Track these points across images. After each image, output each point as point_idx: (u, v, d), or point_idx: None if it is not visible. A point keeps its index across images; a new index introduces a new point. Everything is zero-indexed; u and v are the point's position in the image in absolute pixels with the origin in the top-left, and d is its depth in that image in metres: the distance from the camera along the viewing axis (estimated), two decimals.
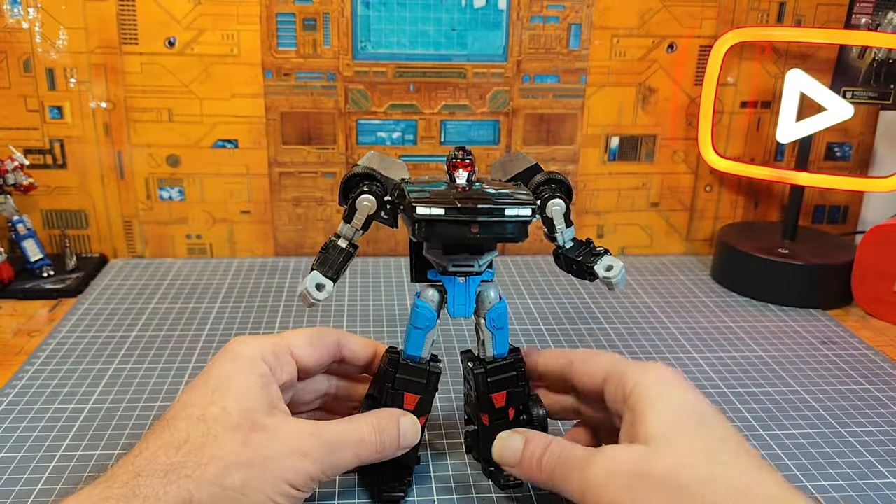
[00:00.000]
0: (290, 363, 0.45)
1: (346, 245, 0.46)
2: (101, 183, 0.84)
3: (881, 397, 0.60)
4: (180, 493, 0.36)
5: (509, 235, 0.42)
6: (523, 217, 0.42)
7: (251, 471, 0.38)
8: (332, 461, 0.41)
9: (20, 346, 0.66)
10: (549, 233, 0.47)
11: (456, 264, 0.44)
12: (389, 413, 0.44)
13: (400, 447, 0.44)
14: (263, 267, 0.85)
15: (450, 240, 0.43)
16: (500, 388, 0.46)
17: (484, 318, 0.46)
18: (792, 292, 0.78)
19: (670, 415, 0.39)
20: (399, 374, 0.45)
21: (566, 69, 0.85)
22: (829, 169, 0.91)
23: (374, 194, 0.45)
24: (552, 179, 0.47)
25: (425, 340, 0.46)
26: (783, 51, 0.86)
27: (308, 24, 0.80)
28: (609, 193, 0.90)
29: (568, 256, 0.48)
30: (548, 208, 0.46)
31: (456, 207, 0.41)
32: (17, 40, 0.78)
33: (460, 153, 0.44)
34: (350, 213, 0.45)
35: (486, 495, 0.47)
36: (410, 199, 0.41)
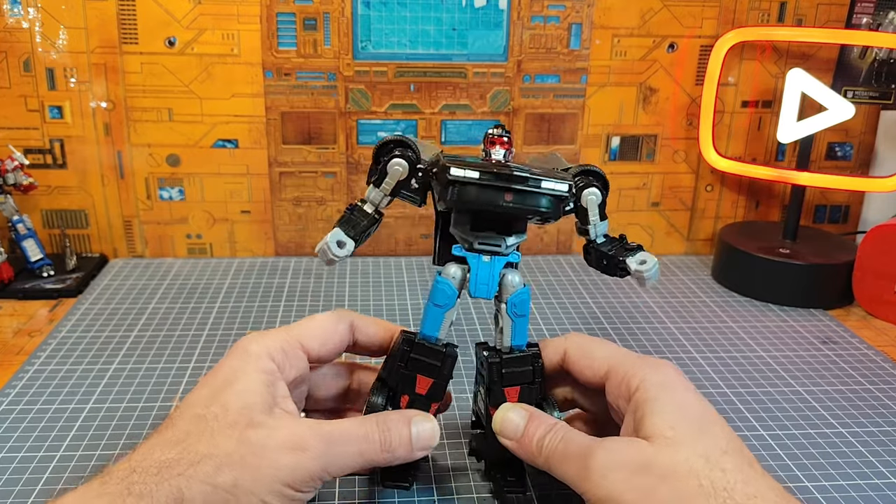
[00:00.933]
0: (301, 357, 0.44)
1: (371, 210, 0.44)
2: (101, 183, 0.84)
3: (882, 397, 0.60)
4: (171, 491, 0.36)
5: (543, 209, 0.41)
6: (559, 192, 0.41)
7: (243, 470, 0.37)
8: (332, 457, 0.39)
9: (20, 346, 0.66)
10: (582, 224, 0.46)
11: (482, 241, 0.43)
12: (400, 413, 0.42)
13: (415, 449, 0.42)
14: (263, 267, 0.85)
15: (482, 205, 0.41)
16: (515, 381, 0.44)
17: (505, 303, 0.44)
18: (793, 292, 0.78)
19: (675, 416, 0.39)
20: (413, 354, 0.43)
21: (567, 69, 0.85)
22: (830, 169, 0.91)
23: (408, 159, 0.43)
24: (590, 171, 0.45)
25: (444, 320, 0.43)
26: (784, 50, 0.86)
27: (308, 23, 0.80)
28: (610, 193, 0.90)
29: (600, 250, 0.46)
30: (583, 197, 0.44)
31: (492, 172, 0.40)
32: (17, 40, 0.78)
33: (498, 130, 0.43)
34: (381, 177, 0.44)
35: (486, 496, 0.47)
36: (444, 161, 0.40)
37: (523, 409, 0.43)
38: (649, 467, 0.37)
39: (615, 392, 0.43)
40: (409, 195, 0.45)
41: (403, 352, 0.44)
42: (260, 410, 0.39)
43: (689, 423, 0.39)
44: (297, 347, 0.44)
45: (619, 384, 0.42)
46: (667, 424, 0.39)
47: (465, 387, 0.60)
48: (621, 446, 0.39)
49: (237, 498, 0.37)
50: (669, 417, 0.39)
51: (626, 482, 0.37)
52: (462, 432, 0.54)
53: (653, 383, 0.41)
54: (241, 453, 0.38)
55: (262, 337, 0.43)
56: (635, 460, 0.37)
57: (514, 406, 0.43)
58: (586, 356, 0.45)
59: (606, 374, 0.43)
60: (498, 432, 0.43)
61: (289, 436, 0.39)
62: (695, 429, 0.39)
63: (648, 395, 0.40)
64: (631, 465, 0.37)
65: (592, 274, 0.85)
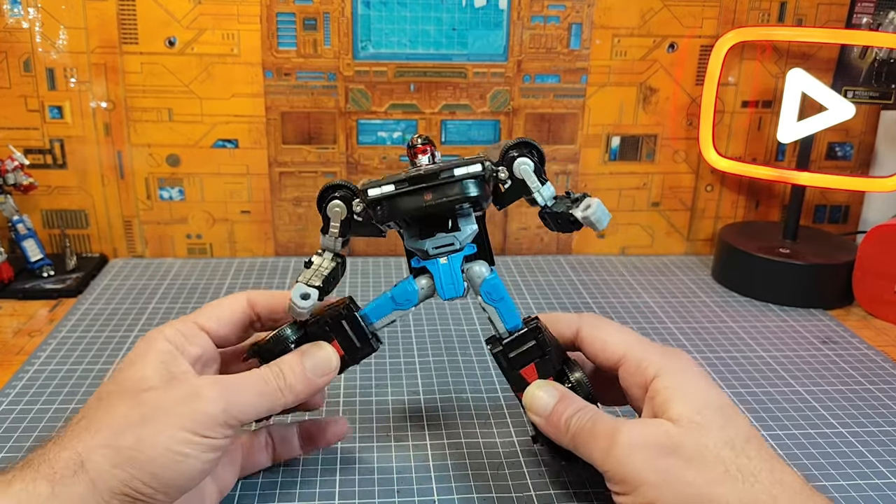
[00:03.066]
0: (200, 335, 0.44)
1: (329, 256, 0.46)
2: (101, 183, 0.84)
3: (882, 397, 0.60)
4: (70, 456, 0.37)
5: (467, 194, 0.42)
6: (474, 172, 0.42)
7: (143, 426, 0.37)
8: (231, 400, 0.39)
9: (20, 346, 0.66)
10: (527, 195, 0.45)
11: (435, 245, 0.44)
12: (291, 354, 0.43)
13: (314, 378, 0.43)
14: (263, 267, 0.85)
15: (407, 213, 0.42)
16: (525, 361, 0.45)
17: (480, 294, 0.45)
18: (793, 292, 0.78)
19: (700, 403, 0.40)
20: (345, 322, 0.45)
21: (567, 69, 0.85)
22: (830, 169, 0.91)
23: (343, 199, 0.45)
24: (520, 143, 0.45)
25: (389, 315, 0.46)
26: (784, 50, 0.86)
27: (308, 23, 0.80)
28: (610, 193, 0.90)
29: (553, 212, 0.45)
30: (515, 168, 0.44)
31: (403, 179, 0.41)
32: (18, 40, 0.78)
33: (419, 139, 0.44)
34: (325, 223, 0.45)
35: (486, 495, 0.47)
36: (363, 186, 0.42)
37: (555, 389, 0.44)
38: (676, 449, 0.38)
39: (630, 378, 0.43)
40: (364, 231, 0.46)
41: (339, 314, 0.45)
42: (155, 379, 0.40)
43: (713, 410, 0.40)
44: (194, 328, 0.44)
45: (634, 371, 0.43)
46: (693, 409, 0.39)
47: (463, 385, 0.60)
48: (648, 427, 0.40)
49: (143, 453, 0.37)
50: (695, 403, 0.40)
51: (651, 462, 0.38)
52: (461, 431, 0.54)
53: (672, 370, 0.41)
54: (139, 412, 0.38)
55: (160, 326, 0.44)
56: (661, 441, 0.38)
57: (545, 384, 0.44)
58: (600, 338, 0.45)
59: (621, 359, 0.44)
60: (528, 408, 0.44)
61: (183, 388, 0.40)
62: (719, 416, 0.39)
63: (669, 381, 0.41)
64: (657, 445, 0.38)
65: (592, 274, 0.85)
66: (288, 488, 0.47)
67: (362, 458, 0.51)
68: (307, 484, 0.48)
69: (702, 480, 0.37)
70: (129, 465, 0.37)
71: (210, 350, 0.45)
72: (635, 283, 0.83)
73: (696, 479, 0.37)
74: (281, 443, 0.48)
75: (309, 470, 0.49)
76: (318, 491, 0.47)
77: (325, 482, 0.48)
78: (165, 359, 0.41)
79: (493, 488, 0.48)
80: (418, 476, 0.49)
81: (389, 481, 0.48)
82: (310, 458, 0.50)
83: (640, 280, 0.84)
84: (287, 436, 0.48)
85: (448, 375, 0.62)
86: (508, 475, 0.49)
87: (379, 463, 0.50)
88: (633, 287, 0.82)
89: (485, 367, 0.63)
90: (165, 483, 0.37)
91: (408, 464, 0.50)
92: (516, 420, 0.55)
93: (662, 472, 0.37)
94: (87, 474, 0.36)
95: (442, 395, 0.59)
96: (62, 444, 0.37)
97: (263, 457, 0.48)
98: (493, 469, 0.50)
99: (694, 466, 0.37)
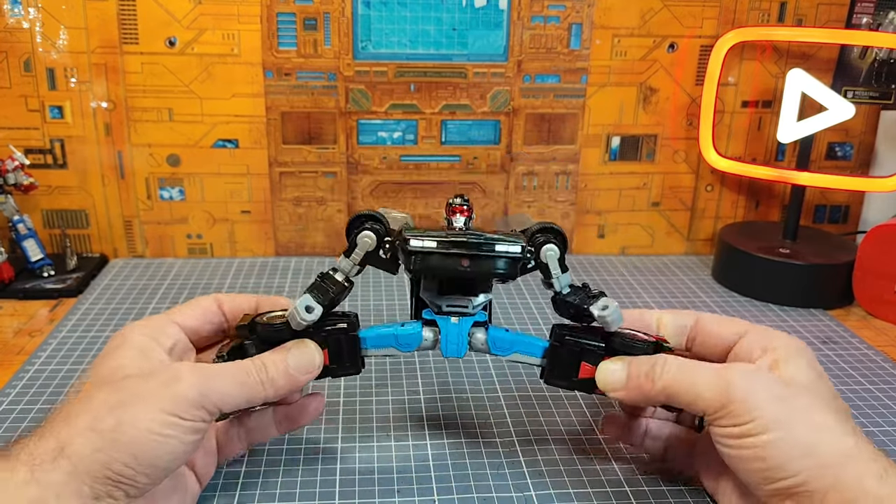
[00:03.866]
0: (171, 326, 0.45)
1: (342, 279, 0.46)
2: (101, 183, 0.84)
3: (882, 397, 0.60)
4: (50, 444, 0.37)
5: (499, 271, 0.44)
6: (513, 254, 0.44)
7: (123, 410, 0.38)
8: (209, 386, 0.40)
9: (21, 346, 0.66)
10: (546, 279, 0.48)
11: (450, 304, 0.46)
12: (275, 350, 0.44)
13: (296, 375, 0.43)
14: (264, 267, 0.85)
15: (441, 272, 0.44)
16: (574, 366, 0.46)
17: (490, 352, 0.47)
18: (793, 292, 0.78)
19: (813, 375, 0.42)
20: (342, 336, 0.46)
21: (567, 69, 0.85)
22: (830, 169, 0.91)
23: (376, 232, 0.46)
24: (547, 228, 0.47)
25: (385, 349, 0.47)
26: (784, 50, 0.86)
27: (309, 23, 0.80)
28: (610, 193, 0.90)
29: (566, 301, 0.47)
30: (542, 253, 0.46)
31: (448, 241, 0.43)
32: (18, 40, 0.78)
33: (457, 199, 0.47)
34: (350, 248, 0.46)
35: (486, 495, 0.47)
36: (405, 234, 0.44)
37: (620, 360, 0.44)
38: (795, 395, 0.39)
39: (750, 346, 0.44)
40: (381, 266, 0.47)
41: (341, 329, 0.46)
42: (132, 368, 0.41)
43: (827, 385, 0.42)
44: (165, 320, 0.45)
45: (757, 341, 0.44)
46: (811, 377, 0.41)
47: (463, 385, 0.60)
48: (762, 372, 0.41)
49: (124, 434, 0.37)
50: (813, 374, 0.42)
51: (774, 399, 0.39)
52: (461, 431, 0.54)
53: (796, 347, 0.43)
54: (118, 398, 0.39)
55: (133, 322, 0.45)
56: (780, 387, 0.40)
57: (608, 362, 0.45)
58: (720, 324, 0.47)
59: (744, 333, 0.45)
60: (603, 388, 0.44)
61: (163, 373, 0.40)
62: (830, 390, 0.42)
63: (793, 353, 0.43)
64: (777, 388, 0.40)
65: (592, 274, 0.86)
66: (288, 488, 0.47)
67: (362, 457, 0.51)
68: (307, 484, 0.48)
69: (817, 427, 0.38)
70: (111, 448, 0.37)
71: (183, 341, 0.46)
72: (635, 283, 0.83)
73: (812, 425, 0.38)
74: (256, 429, 0.48)
75: (309, 470, 0.49)
76: (318, 490, 0.47)
77: (325, 482, 0.48)
78: (143, 348, 0.42)
79: (493, 488, 0.48)
80: (418, 476, 0.49)
81: (389, 481, 0.48)
82: (310, 458, 0.50)
83: (640, 280, 0.84)
84: (263, 422, 0.48)
85: (448, 375, 0.62)
86: (508, 475, 0.49)
87: (379, 463, 0.50)
88: (633, 287, 0.82)
89: (485, 367, 0.63)
90: (146, 463, 0.38)
91: (408, 464, 0.50)
92: (516, 420, 0.55)
93: (782, 412, 0.38)
94: (67, 460, 0.37)
95: (442, 395, 0.59)
96: (41, 435, 0.38)
97: (238, 445, 0.48)
98: (493, 469, 0.50)
99: (811, 414, 0.39)
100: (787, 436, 0.38)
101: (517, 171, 0.88)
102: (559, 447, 0.52)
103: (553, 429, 0.54)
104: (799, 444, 0.38)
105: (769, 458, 0.38)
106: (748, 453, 0.39)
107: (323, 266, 0.85)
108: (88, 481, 0.37)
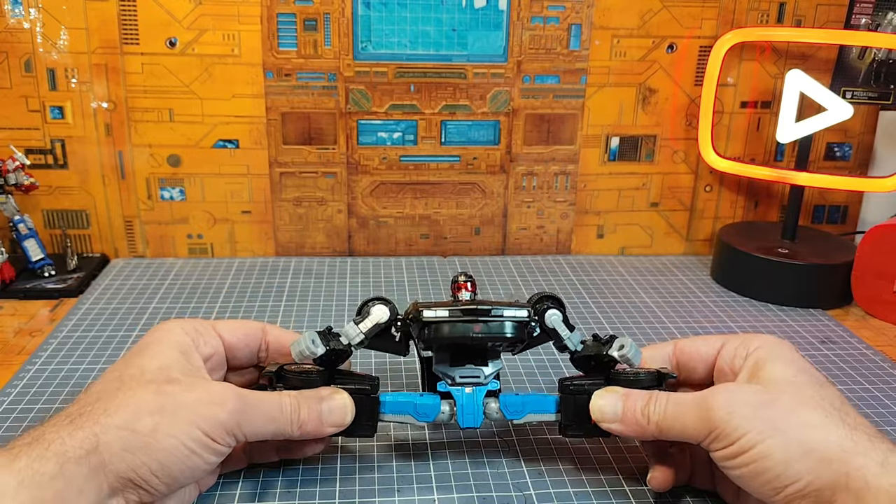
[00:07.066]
0: (214, 336, 0.46)
1: (345, 342, 0.47)
2: (102, 183, 0.84)
3: (881, 397, 0.60)
4: (86, 436, 0.37)
5: (509, 335, 0.46)
6: (520, 318, 0.46)
7: (163, 416, 0.38)
8: (246, 416, 0.41)
9: (21, 346, 0.66)
10: (558, 343, 0.49)
11: (463, 375, 0.47)
12: (315, 391, 0.45)
13: (325, 424, 0.44)
14: (264, 267, 0.85)
15: (455, 339, 0.46)
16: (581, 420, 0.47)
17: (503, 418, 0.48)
18: (792, 292, 0.78)
19: (794, 370, 0.42)
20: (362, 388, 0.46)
21: (566, 69, 0.85)
22: (829, 169, 0.91)
23: (391, 310, 0.48)
24: (543, 296, 0.49)
25: (401, 415, 0.48)
26: (783, 51, 0.87)
27: (309, 24, 0.80)
28: (609, 193, 0.90)
29: (583, 356, 0.49)
30: (546, 319, 0.48)
31: (460, 310, 0.46)
32: (19, 40, 0.78)
33: (461, 276, 0.50)
34: (363, 317, 0.47)
35: (486, 494, 0.47)
36: (418, 306, 0.46)
37: (614, 392, 0.45)
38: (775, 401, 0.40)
39: (729, 358, 0.45)
40: (392, 345, 0.49)
41: (365, 389, 0.47)
42: (177, 371, 0.41)
43: (810, 375, 0.42)
44: (209, 328, 0.46)
45: (734, 350, 0.45)
46: (791, 373, 0.42)
47: None
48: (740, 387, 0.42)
49: (158, 441, 0.38)
50: (792, 369, 0.42)
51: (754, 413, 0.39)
52: (460, 432, 0.54)
53: (771, 344, 0.44)
54: (161, 402, 0.39)
55: (176, 319, 0.46)
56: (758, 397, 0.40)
57: (602, 392, 0.45)
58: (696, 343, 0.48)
59: (720, 348, 0.46)
60: (598, 419, 0.45)
61: (207, 390, 0.41)
62: (815, 381, 0.42)
63: (767, 352, 0.43)
64: (755, 401, 0.40)
65: (592, 274, 0.86)
66: (288, 488, 0.47)
67: (362, 457, 0.51)
68: (308, 483, 0.48)
69: (805, 426, 0.38)
70: (142, 451, 0.37)
71: (220, 354, 0.46)
72: (634, 283, 0.83)
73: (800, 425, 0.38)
74: (256, 451, 0.49)
75: (309, 469, 0.49)
76: (318, 490, 0.47)
77: (325, 481, 0.48)
78: (185, 350, 0.42)
79: (492, 488, 0.48)
80: (418, 476, 0.49)
81: (390, 481, 0.48)
82: (310, 458, 0.50)
83: (639, 280, 0.84)
84: (264, 447, 0.48)
85: None
86: (508, 475, 0.49)
87: (379, 462, 0.50)
88: (633, 287, 0.82)
89: None
90: (171, 475, 0.38)
91: (408, 463, 0.50)
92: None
93: (767, 421, 0.39)
94: (98, 455, 0.37)
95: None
96: (78, 424, 0.38)
97: (240, 459, 0.48)
98: (493, 469, 0.50)
99: (796, 414, 0.39)
100: (779, 442, 0.38)
101: (517, 172, 0.88)
102: (559, 447, 0.52)
103: (553, 429, 0.54)
104: (792, 446, 0.38)
105: (769, 469, 0.38)
106: (748, 470, 0.39)
107: (323, 266, 0.86)
108: (112, 479, 0.37)
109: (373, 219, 0.89)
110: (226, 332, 0.47)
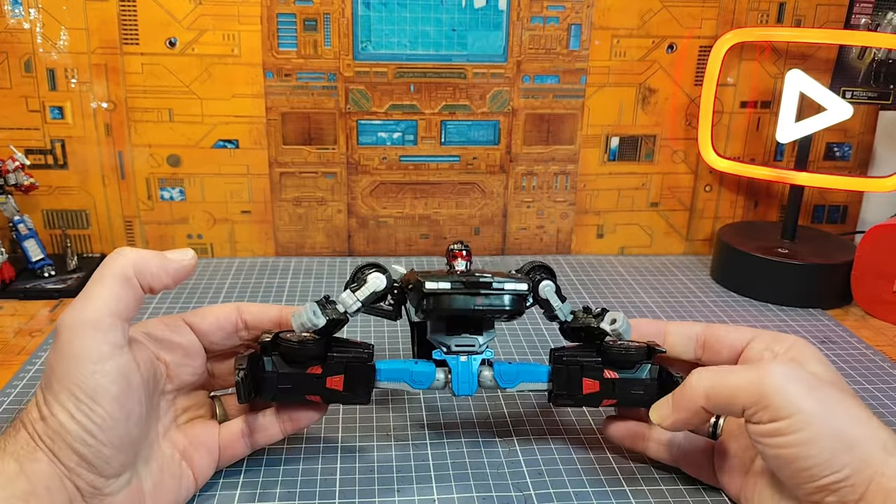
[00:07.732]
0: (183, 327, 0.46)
1: (342, 310, 0.47)
2: (102, 183, 0.84)
3: (881, 397, 0.60)
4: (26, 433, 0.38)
5: (508, 308, 0.46)
6: (520, 291, 0.46)
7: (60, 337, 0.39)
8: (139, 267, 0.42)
9: (21, 346, 0.66)
10: (548, 312, 0.50)
11: (458, 344, 0.48)
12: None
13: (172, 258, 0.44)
14: (264, 267, 0.85)
15: (455, 311, 0.46)
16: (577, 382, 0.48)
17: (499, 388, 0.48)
18: (791, 292, 0.78)
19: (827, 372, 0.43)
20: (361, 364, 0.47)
21: (566, 69, 0.85)
22: (829, 169, 0.92)
23: (387, 278, 0.48)
24: (535, 266, 0.50)
25: (396, 382, 0.48)
26: (783, 51, 0.87)
27: (309, 24, 0.81)
28: (609, 193, 0.90)
29: (573, 327, 0.50)
30: (540, 290, 0.49)
31: (462, 282, 0.46)
32: (18, 41, 0.78)
33: (458, 245, 0.49)
34: (359, 285, 0.48)
35: (486, 494, 0.47)
36: (419, 277, 0.46)
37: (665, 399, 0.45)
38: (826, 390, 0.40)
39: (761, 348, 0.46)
40: (384, 310, 0.50)
41: (361, 358, 0.47)
42: None
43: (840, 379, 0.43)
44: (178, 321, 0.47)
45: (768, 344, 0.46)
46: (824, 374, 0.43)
47: None
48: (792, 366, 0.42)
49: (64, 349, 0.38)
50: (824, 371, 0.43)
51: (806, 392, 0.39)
52: (460, 431, 0.54)
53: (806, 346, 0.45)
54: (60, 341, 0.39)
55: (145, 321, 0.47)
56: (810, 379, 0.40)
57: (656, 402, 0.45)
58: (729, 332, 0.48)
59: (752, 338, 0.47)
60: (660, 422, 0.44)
61: None
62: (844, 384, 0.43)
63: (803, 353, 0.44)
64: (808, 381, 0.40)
65: (592, 274, 0.86)
66: (288, 488, 0.47)
67: (362, 457, 0.51)
68: (307, 483, 0.48)
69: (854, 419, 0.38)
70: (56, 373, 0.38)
71: (194, 344, 0.46)
72: (634, 283, 0.84)
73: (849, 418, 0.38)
74: (259, 430, 0.48)
75: (309, 469, 0.49)
76: (318, 490, 0.47)
77: (325, 481, 0.48)
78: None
79: (492, 488, 0.48)
80: (418, 476, 0.49)
81: (389, 481, 0.49)
82: (310, 457, 0.50)
83: (639, 280, 0.84)
84: (265, 423, 0.48)
85: None
86: (508, 475, 0.49)
87: (379, 462, 0.50)
88: (633, 287, 0.82)
89: None
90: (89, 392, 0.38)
91: (408, 463, 0.50)
92: (516, 420, 0.56)
93: (821, 404, 0.38)
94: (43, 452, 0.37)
95: (442, 395, 0.59)
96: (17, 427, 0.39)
97: (241, 446, 0.48)
98: (493, 469, 0.50)
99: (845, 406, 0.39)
100: (830, 430, 0.37)
101: (516, 172, 0.88)
102: (559, 447, 0.52)
103: (553, 428, 0.54)
104: (841, 439, 0.37)
105: (812, 456, 0.37)
106: (791, 452, 0.38)
107: (323, 266, 0.86)
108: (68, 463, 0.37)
109: (373, 219, 0.89)
110: (195, 319, 0.47)
